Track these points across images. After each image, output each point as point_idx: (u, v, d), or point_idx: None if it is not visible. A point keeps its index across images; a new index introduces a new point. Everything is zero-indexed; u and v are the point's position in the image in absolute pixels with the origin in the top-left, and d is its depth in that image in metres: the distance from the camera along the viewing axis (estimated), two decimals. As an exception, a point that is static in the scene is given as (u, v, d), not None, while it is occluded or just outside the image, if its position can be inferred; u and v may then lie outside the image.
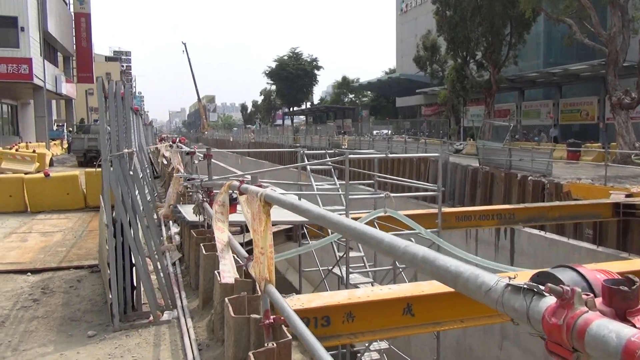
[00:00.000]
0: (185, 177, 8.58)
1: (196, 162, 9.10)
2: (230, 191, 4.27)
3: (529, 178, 16.49)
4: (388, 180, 10.21)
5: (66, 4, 45.02)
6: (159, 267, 5.87)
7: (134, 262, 5.58)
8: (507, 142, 22.50)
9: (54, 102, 45.18)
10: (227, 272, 4.72)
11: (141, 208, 5.77)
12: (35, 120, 33.95)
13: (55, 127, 43.83)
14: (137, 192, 5.81)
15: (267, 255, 3.17)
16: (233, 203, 4.39)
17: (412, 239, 8.25)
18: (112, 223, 5.42)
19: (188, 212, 7.69)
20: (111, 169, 5.44)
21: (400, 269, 8.01)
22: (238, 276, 4.60)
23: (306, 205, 2.28)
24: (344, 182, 7.48)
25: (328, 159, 8.84)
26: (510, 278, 1.32)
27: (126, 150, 5.63)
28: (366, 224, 7.24)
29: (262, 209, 3.07)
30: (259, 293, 3.51)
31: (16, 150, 22.54)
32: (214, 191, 5.97)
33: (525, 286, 1.26)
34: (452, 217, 10.21)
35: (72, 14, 46.41)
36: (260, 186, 3.48)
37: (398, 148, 30.81)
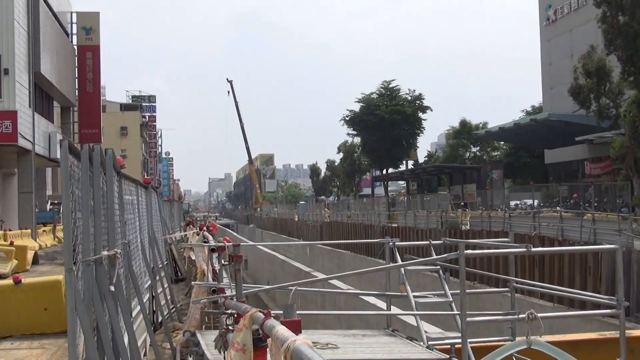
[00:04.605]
0: (209, 288, 8.24)
1: (218, 264, 8.77)
2: (256, 327, 3.78)
3: None
4: (533, 287, 9.39)
5: (67, 34, 47.90)
6: None
7: None
8: None
9: (48, 170, 47.33)
10: None
11: (126, 343, 5.40)
12: (19, 197, 35.32)
13: (49, 207, 45.77)
14: (121, 318, 5.46)
15: None
16: (261, 346, 3.88)
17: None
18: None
19: (210, 343, 7.28)
20: (80, 283, 5.13)
21: None
22: None
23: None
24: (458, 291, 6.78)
25: (434, 256, 8.21)
26: None
27: (105, 253, 5.34)
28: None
29: (288, 373, 2.55)
30: None
31: (-13, 242, 23.41)
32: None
33: None
34: (643, 345, 9.29)
35: (76, 47, 49.41)
36: (297, 327, 2.97)
37: (550, 228, 29.51)
